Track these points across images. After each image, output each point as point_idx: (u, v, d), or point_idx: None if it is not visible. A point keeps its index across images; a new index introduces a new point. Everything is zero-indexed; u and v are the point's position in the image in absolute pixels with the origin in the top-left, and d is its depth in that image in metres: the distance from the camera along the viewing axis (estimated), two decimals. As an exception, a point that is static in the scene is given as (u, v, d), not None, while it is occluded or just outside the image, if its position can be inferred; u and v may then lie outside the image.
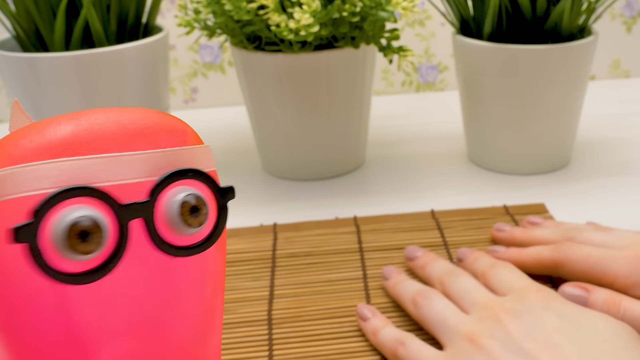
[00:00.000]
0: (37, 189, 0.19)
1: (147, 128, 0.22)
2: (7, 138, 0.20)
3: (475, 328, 0.35)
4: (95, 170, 0.20)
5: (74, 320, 0.21)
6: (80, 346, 0.21)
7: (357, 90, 0.58)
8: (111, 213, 0.20)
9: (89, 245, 0.19)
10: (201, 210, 0.21)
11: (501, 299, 0.37)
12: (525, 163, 0.60)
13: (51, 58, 0.52)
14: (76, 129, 0.20)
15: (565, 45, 0.54)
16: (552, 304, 0.36)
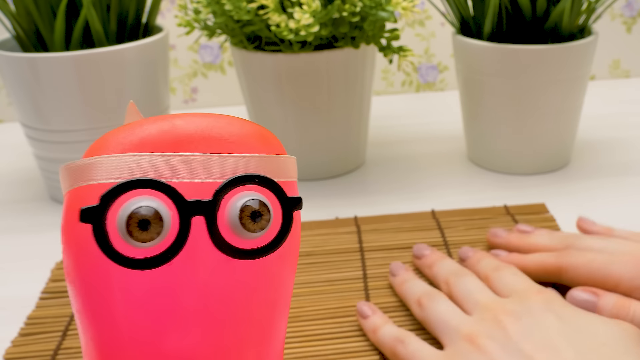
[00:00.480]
0: (114, 178, 0.21)
1: (230, 133, 0.23)
2: (109, 133, 0.22)
3: (475, 328, 0.35)
4: (168, 166, 0.22)
5: (140, 308, 0.22)
6: (146, 333, 0.22)
7: (357, 90, 0.58)
8: (175, 208, 0.21)
9: (147, 233, 0.21)
10: (263, 216, 0.22)
11: (503, 300, 0.37)
12: (525, 163, 0.60)
13: (51, 58, 0.52)
14: (160, 130, 0.22)
15: (565, 45, 0.54)
16: (553, 306, 0.36)
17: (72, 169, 0.22)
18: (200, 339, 0.23)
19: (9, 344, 0.41)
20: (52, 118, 0.55)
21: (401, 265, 0.44)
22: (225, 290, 0.23)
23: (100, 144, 0.22)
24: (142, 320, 0.22)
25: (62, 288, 0.46)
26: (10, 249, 0.53)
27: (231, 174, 0.22)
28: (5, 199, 0.62)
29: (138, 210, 0.20)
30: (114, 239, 0.21)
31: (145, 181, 0.21)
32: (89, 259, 0.22)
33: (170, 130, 0.22)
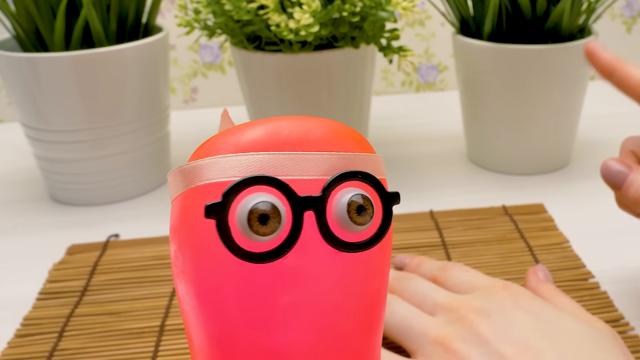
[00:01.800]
0: (231, 176, 0.23)
1: (328, 134, 0.25)
2: (216, 136, 0.24)
3: (445, 331, 0.34)
4: (280, 165, 0.23)
5: (258, 301, 0.23)
6: (261, 328, 0.24)
7: (357, 90, 0.58)
8: (288, 203, 0.23)
9: (267, 227, 0.22)
10: (367, 210, 0.23)
11: (467, 297, 0.36)
12: (525, 163, 0.60)
13: (51, 58, 0.52)
14: (266, 132, 0.24)
15: (565, 45, 0.54)
16: (522, 301, 0.34)
17: (187, 171, 0.24)
18: (313, 331, 0.24)
19: (4, 345, 0.41)
20: (52, 118, 0.55)
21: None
22: (334, 283, 0.24)
23: (210, 146, 0.24)
24: (258, 313, 0.24)
25: (59, 289, 0.46)
26: (9, 249, 0.53)
27: (335, 171, 0.24)
28: (5, 199, 0.62)
29: (258, 205, 0.22)
30: (236, 234, 0.22)
31: (262, 178, 0.22)
32: (207, 257, 0.23)
33: (276, 132, 0.24)
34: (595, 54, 0.41)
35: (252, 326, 0.24)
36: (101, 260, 0.49)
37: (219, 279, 0.23)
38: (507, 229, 0.50)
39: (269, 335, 0.24)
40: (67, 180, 0.58)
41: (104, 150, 0.56)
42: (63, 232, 0.55)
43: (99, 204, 0.59)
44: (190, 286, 0.24)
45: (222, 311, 0.24)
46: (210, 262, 0.24)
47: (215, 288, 0.24)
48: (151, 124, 0.59)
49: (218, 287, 0.24)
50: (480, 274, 0.38)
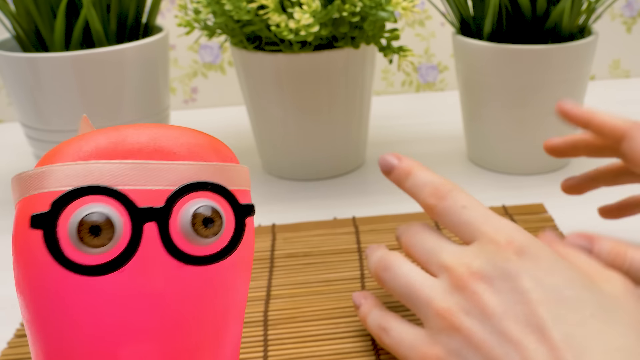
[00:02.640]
0: (66, 185, 0.21)
1: (181, 143, 0.23)
2: (60, 144, 0.23)
3: (447, 303, 0.32)
4: (121, 174, 0.22)
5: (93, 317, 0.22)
6: (100, 343, 0.22)
7: (357, 90, 0.58)
8: (127, 214, 0.21)
9: (99, 239, 0.21)
10: (215, 222, 0.22)
11: (468, 255, 0.33)
12: (525, 163, 0.60)
13: (51, 58, 0.52)
14: (112, 140, 0.23)
15: (565, 45, 0.54)
16: (527, 262, 0.32)
17: (24, 178, 0.22)
18: (154, 346, 0.23)
19: (5, 345, 0.41)
20: (52, 118, 0.55)
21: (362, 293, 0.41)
22: (178, 297, 0.23)
23: (53, 154, 0.23)
24: (95, 330, 0.22)
25: (61, 288, 0.46)
26: (9, 249, 0.52)
27: (183, 182, 0.23)
28: (6, 199, 0.62)
29: (89, 216, 0.21)
30: (65, 246, 0.21)
31: (96, 188, 0.21)
32: (39, 268, 0.22)
33: (123, 140, 0.23)
34: (568, 113, 0.44)
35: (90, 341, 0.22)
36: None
37: (52, 292, 0.22)
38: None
39: (108, 350, 0.22)
40: (67, 180, 0.58)
41: (104, 150, 0.56)
42: (63, 232, 0.54)
43: (99, 204, 0.59)
44: (23, 298, 0.23)
45: (57, 328, 0.22)
46: (42, 274, 0.22)
47: (49, 301, 0.22)
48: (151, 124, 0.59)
49: (51, 300, 0.22)
50: (479, 210, 0.35)
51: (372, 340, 0.39)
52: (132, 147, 0.23)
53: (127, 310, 0.22)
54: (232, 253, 0.24)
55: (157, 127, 0.24)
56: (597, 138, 0.43)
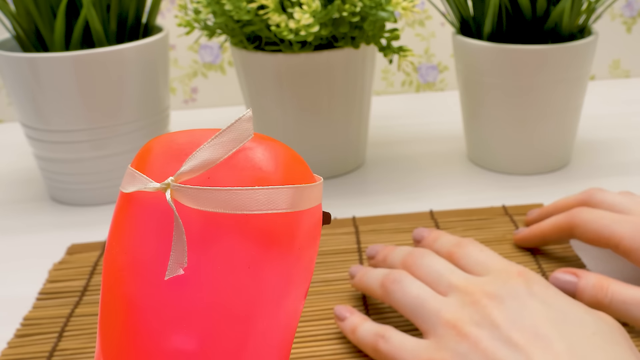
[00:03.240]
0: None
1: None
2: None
3: (458, 314, 0.34)
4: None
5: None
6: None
7: (357, 90, 0.58)
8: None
9: None
10: None
11: (481, 280, 0.36)
12: (525, 163, 0.60)
13: (51, 58, 0.52)
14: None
15: (565, 45, 0.54)
16: (535, 289, 0.35)
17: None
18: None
19: (4, 345, 0.41)
20: (52, 118, 0.55)
21: (359, 266, 0.42)
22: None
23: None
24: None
25: (59, 289, 0.46)
26: (10, 249, 0.53)
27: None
28: (5, 199, 0.62)
29: None
30: None
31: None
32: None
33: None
34: (525, 239, 0.47)
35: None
36: (101, 260, 0.49)
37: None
38: (507, 229, 0.50)
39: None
40: (67, 180, 0.58)
41: (104, 150, 0.56)
42: (63, 232, 0.55)
43: (99, 204, 0.59)
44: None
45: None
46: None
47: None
48: (151, 124, 0.59)
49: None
50: (495, 255, 0.38)
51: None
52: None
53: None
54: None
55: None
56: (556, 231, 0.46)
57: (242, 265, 0.24)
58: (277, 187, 0.24)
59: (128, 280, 0.24)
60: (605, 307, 0.39)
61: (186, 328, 0.24)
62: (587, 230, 0.43)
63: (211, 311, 0.24)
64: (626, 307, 0.38)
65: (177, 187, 0.24)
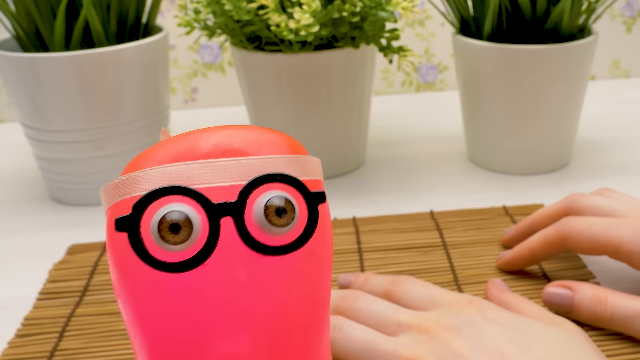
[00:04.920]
0: (145, 190, 0.23)
1: (248, 141, 0.25)
2: (141, 154, 0.25)
3: (417, 351, 0.32)
4: (194, 174, 0.23)
5: (185, 312, 0.23)
6: (191, 338, 0.23)
7: (357, 90, 0.58)
8: (203, 211, 0.23)
9: (178, 236, 0.22)
10: (287, 211, 0.23)
11: (432, 314, 0.35)
12: (525, 163, 0.60)
13: (51, 58, 0.52)
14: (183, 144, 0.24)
15: (565, 45, 0.54)
16: (489, 314, 0.34)
17: (109, 188, 0.24)
18: (245, 340, 0.24)
19: (5, 345, 0.41)
20: (52, 118, 0.55)
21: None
22: (262, 290, 0.24)
23: (134, 163, 0.24)
24: (186, 326, 0.23)
25: (59, 289, 0.46)
26: (10, 249, 0.53)
27: (253, 175, 0.24)
28: (5, 199, 0.62)
29: (167, 214, 0.22)
30: (150, 246, 0.22)
31: (172, 188, 0.23)
32: (129, 270, 0.23)
33: (195, 144, 0.24)
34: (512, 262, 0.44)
35: (189, 339, 0.23)
36: (102, 260, 0.49)
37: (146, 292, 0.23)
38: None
39: (206, 348, 0.23)
40: (67, 180, 0.58)
41: (104, 150, 0.56)
42: (63, 232, 0.55)
43: (99, 204, 0.59)
44: (120, 300, 0.24)
45: (154, 325, 0.24)
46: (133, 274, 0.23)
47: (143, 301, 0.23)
48: (151, 124, 0.59)
49: (145, 300, 0.23)
50: (437, 288, 0.37)
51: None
52: (204, 149, 0.24)
53: (214, 305, 0.23)
54: (308, 241, 0.24)
55: (228, 128, 0.25)
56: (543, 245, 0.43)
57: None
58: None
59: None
60: (606, 322, 0.38)
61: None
62: (581, 240, 0.40)
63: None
64: (629, 320, 0.37)
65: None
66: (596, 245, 0.40)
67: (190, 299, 0.23)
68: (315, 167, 0.25)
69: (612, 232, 0.39)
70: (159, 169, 0.23)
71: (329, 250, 0.26)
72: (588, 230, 0.40)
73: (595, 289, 0.38)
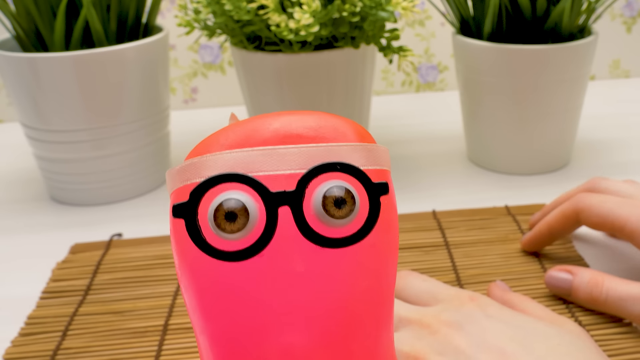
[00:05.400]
0: (204, 176, 0.23)
1: (309, 127, 0.24)
2: (205, 139, 0.24)
3: (418, 346, 0.32)
4: (254, 161, 0.23)
5: (240, 303, 0.23)
6: (253, 327, 0.23)
7: (357, 90, 0.58)
8: (260, 200, 0.22)
9: (234, 225, 0.22)
10: (347, 202, 0.22)
11: (433, 310, 0.35)
12: (525, 163, 0.60)
13: (51, 58, 0.52)
14: (244, 130, 0.24)
15: (565, 45, 0.54)
16: (490, 311, 0.34)
17: (173, 173, 0.24)
18: (302, 332, 0.23)
19: (8, 343, 0.41)
20: (52, 118, 0.55)
21: None
22: (321, 281, 0.23)
23: (198, 148, 0.24)
24: (243, 314, 0.23)
25: (62, 288, 0.46)
26: (10, 249, 0.53)
27: (313, 164, 0.23)
28: (5, 199, 0.62)
29: (224, 202, 0.22)
30: (207, 234, 0.22)
31: (230, 175, 0.22)
32: (190, 257, 0.23)
33: (255, 129, 0.24)
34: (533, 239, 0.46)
35: (247, 328, 0.23)
36: (104, 259, 0.49)
37: (204, 279, 0.23)
38: (510, 229, 0.50)
39: (264, 337, 0.23)
40: (67, 180, 0.58)
41: (104, 150, 0.56)
42: (63, 232, 0.55)
43: (99, 204, 0.59)
44: (182, 284, 0.24)
45: (212, 311, 0.23)
46: (192, 262, 0.23)
47: (201, 287, 0.23)
48: (151, 124, 0.59)
49: (203, 286, 0.23)
50: (438, 283, 0.37)
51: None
52: (264, 135, 0.23)
53: (272, 295, 0.23)
54: (367, 234, 0.23)
55: (290, 114, 0.24)
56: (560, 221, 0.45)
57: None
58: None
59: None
60: (601, 304, 0.39)
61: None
62: (591, 214, 0.42)
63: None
64: (622, 303, 0.38)
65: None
66: (605, 222, 0.41)
67: (246, 289, 0.23)
68: (382, 155, 0.24)
69: (620, 211, 0.41)
70: (219, 155, 0.23)
71: (393, 243, 0.25)
72: (599, 207, 0.42)
73: (593, 273, 0.40)
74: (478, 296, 0.36)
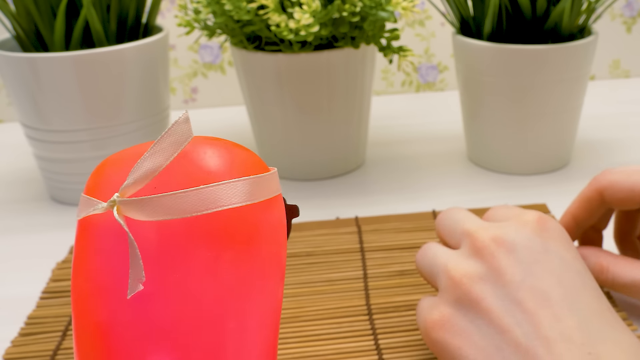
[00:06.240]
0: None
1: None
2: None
3: (462, 267, 0.32)
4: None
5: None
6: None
7: (357, 90, 0.58)
8: None
9: None
10: None
11: (493, 225, 0.33)
12: (525, 163, 0.60)
13: (51, 58, 0.52)
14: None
15: (565, 45, 0.54)
16: (552, 245, 0.32)
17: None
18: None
19: (8, 344, 0.41)
20: (52, 118, 0.55)
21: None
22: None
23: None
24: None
25: (62, 288, 0.46)
26: (10, 249, 0.53)
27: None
28: (5, 199, 0.62)
29: None
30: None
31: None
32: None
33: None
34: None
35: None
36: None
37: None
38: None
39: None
40: (67, 180, 0.58)
41: (104, 150, 0.56)
42: (64, 232, 0.55)
43: (99, 204, 0.59)
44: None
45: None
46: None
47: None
48: (151, 124, 0.59)
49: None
50: (521, 209, 0.35)
51: (375, 340, 0.39)
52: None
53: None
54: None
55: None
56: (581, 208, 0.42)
57: (200, 269, 0.24)
58: (222, 183, 0.24)
59: (95, 307, 0.24)
60: (608, 287, 0.39)
61: (161, 343, 0.24)
62: (616, 190, 0.39)
63: (181, 321, 0.24)
64: (628, 288, 0.38)
65: (123, 202, 0.23)
66: (633, 196, 0.38)
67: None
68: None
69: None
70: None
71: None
72: (624, 181, 0.39)
73: (599, 257, 0.39)
74: (546, 221, 0.33)
